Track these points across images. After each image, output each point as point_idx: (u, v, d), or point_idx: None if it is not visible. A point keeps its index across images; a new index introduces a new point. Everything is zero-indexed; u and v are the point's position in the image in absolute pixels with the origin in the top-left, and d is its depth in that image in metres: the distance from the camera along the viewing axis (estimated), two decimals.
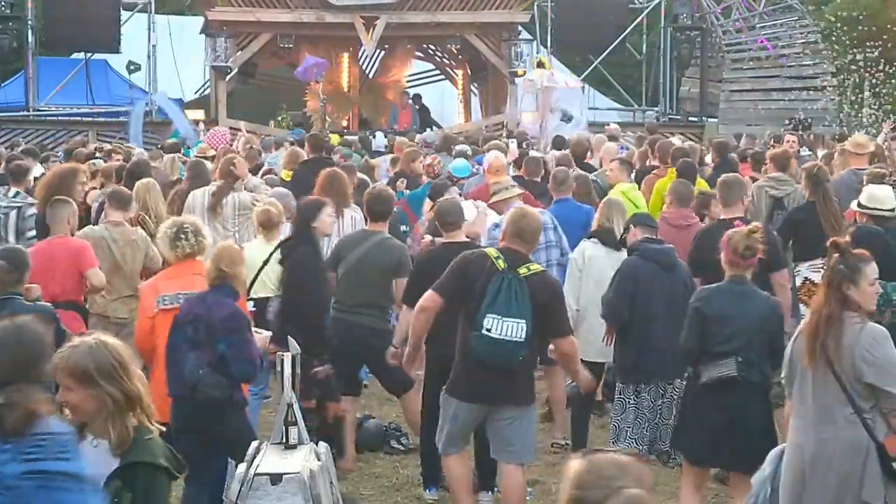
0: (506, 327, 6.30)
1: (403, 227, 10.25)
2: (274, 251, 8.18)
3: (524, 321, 6.30)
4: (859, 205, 7.94)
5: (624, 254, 7.99)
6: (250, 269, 8.21)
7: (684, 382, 7.08)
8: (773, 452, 5.51)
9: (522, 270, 6.41)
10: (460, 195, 10.27)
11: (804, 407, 5.31)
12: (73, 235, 8.40)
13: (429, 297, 6.68)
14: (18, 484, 3.67)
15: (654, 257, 7.20)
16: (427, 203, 9.95)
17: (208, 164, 11.66)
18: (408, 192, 11.50)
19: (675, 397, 7.10)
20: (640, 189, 10.99)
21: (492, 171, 10.67)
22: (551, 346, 6.87)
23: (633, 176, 11.36)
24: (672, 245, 7.52)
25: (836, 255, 5.31)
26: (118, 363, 4.02)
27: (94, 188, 11.02)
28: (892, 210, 7.94)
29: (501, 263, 6.41)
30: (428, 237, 8.64)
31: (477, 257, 6.58)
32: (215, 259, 6.66)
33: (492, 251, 6.57)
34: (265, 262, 8.24)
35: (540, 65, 22.63)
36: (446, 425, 6.72)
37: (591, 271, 8.06)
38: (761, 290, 6.62)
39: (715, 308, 6.39)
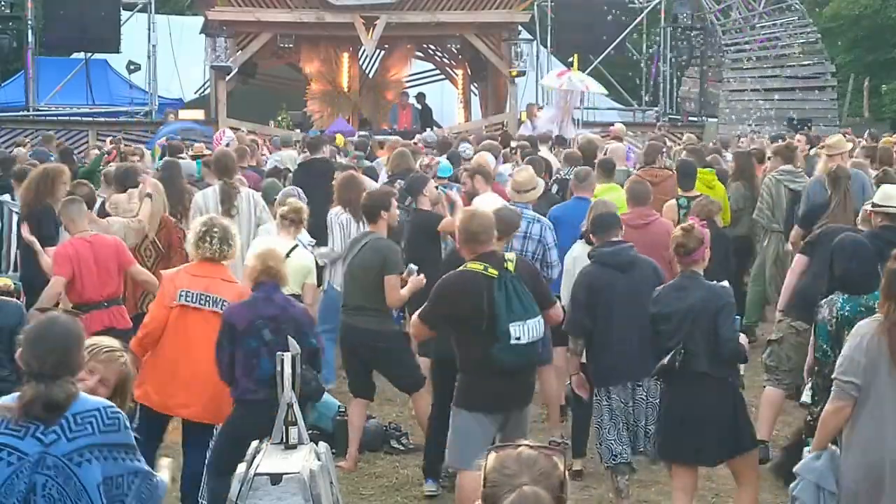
0: (530, 329, 6.31)
1: None
2: (292, 250, 8.35)
3: (539, 316, 6.38)
4: (873, 204, 7.75)
5: None
6: None
7: (658, 383, 7.11)
8: (827, 452, 5.44)
9: (509, 266, 6.39)
10: (437, 188, 10.30)
11: (884, 411, 5.24)
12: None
13: (417, 327, 6.67)
14: (64, 463, 3.75)
15: (609, 261, 7.15)
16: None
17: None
18: None
19: (644, 397, 7.09)
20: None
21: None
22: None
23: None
24: (631, 243, 7.41)
25: None
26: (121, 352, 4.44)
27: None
28: None
29: (492, 271, 6.33)
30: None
31: (464, 276, 6.41)
32: (263, 257, 6.65)
33: (477, 265, 6.37)
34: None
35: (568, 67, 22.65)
36: (460, 439, 6.55)
37: (577, 271, 7.96)
38: None
39: (660, 307, 6.49)
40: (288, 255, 8.19)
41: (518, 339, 6.26)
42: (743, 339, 6.44)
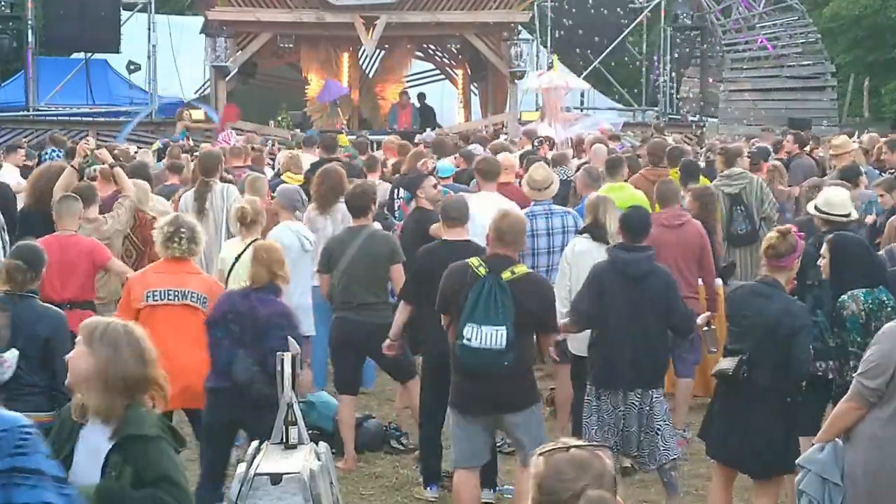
0: (484, 335, 6.23)
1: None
2: (245, 248, 8.16)
3: (503, 328, 6.22)
4: (815, 208, 7.68)
5: None
6: (224, 265, 8.36)
7: (652, 392, 7.01)
8: (831, 444, 5.34)
9: (506, 275, 6.33)
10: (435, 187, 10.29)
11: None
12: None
13: (401, 309, 6.80)
14: None
15: (623, 269, 7.01)
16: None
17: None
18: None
19: (636, 403, 6.96)
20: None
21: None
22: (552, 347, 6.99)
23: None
24: (654, 250, 7.24)
25: None
26: (130, 342, 4.08)
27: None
28: (848, 215, 7.53)
29: (482, 270, 6.35)
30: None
31: (459, 268, 6.51)
32: (263, 261, 6.63)
33: (474, 260, 6.47)
34: (236, 259, 8.24)
35: (550, 67, 22.68)
36: (453, 438, 6.70)
37: (580, 266, 7.82)
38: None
39: (734, 308, 6.48)
40: (238, 258, 8.19)
41: (468, 340, 6.25)
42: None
